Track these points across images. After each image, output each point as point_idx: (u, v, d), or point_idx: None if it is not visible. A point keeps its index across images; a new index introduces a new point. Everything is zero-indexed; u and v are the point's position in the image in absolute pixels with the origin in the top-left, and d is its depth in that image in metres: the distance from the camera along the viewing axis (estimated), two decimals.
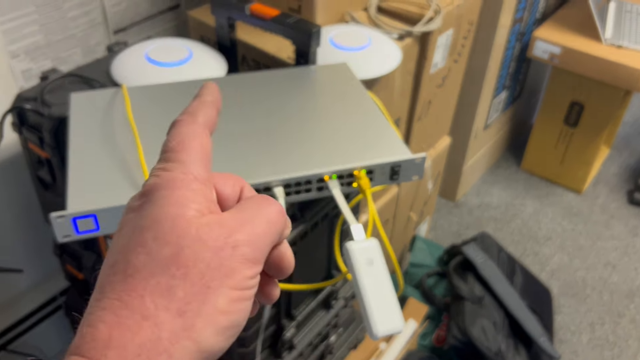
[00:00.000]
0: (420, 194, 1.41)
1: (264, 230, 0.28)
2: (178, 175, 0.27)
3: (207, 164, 0.29)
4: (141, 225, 0.26)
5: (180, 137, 0.29)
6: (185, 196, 0.27)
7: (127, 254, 0.25)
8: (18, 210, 1.06)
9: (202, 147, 0.29)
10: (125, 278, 0.25)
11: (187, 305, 0.25)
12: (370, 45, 0.93)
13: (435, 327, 1.36)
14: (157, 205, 0.26)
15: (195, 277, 0.25)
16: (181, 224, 0.26)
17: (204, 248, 0.25)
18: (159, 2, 1.13)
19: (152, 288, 0.25)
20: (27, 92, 0.83)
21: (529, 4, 1.60)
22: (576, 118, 1.79)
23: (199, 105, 0.32)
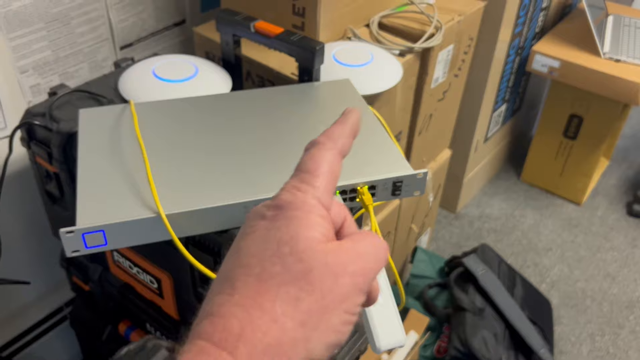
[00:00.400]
0: (422, 206, 1.43)
1: (373, 265, 0.31)
2: (310, 200, 0.31)
3: (333, 191, 0.33)
4: (278, 237, 0.29)
5: (318, 161, 0.32)
6: (316, 221, 0.30)
7: (263, 261, 0.28)
8: (26, 223, 1.08)
9: (334, 175, 0.33)
10: (259, 282, 0.28)
11: (308, 318, 0.27)
12: (372, 62, 0.95)
13: (437, 338, 1.37)
14: (292, 224, 0.29)
15: (318, 295, 0.28)
16: (313, 246, 0.29)
17: (328, 272, 0.28)
18: (164, 18, 1.15)
19: (283, 296, 0.27)
20: (35, 108, 0.84)
21: (527, 19, 1.62)
22: (575, 131, 1.81)
23: (341, 132, 0.35)
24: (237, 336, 0.26)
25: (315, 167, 0.32)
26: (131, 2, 1.07)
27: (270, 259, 0.28)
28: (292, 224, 0.29)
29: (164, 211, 0.60)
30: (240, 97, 0.83)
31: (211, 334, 0.26)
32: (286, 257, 0.28)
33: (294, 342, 0.27)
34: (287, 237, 0.29)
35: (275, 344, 0.26)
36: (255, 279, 0.28)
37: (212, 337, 0.26)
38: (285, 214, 0.30)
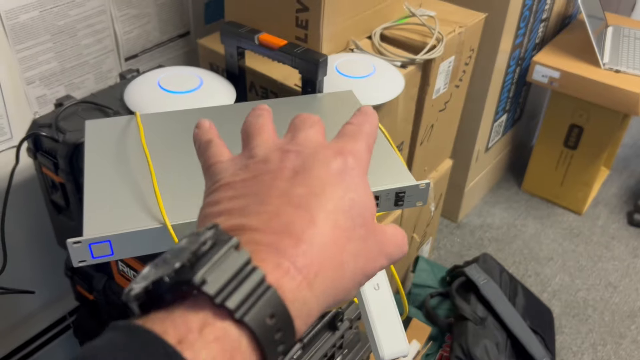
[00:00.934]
0: (423, 216, 1.43)
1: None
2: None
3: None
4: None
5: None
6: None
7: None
8: (31, 233, 1.09)
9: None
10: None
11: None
12: (374, 73, 0.96)
13: (439, 347, 1.37)
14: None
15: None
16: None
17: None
18: (169, 30, 1.17)
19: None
20: (42, 119, 0.85)
21: (528, 30, 1.63)
22: (576, 140, 1.82)
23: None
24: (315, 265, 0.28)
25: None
26: (136, 14, 1.09)
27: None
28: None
29: (170, 221, 0.61)
30: (244, 108, 0.84)
31: (295, 257, 0.27)
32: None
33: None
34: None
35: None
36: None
37: (295, 261, 0.27)
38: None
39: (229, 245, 0.26)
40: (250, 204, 0.30)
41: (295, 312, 0.26)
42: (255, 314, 0.25)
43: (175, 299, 0.25)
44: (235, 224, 0.29)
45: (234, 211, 0.30)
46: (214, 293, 0.24)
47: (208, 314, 0.24)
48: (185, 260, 0.25)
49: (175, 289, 0.25)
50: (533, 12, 1.59)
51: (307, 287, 0.27)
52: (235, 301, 0.24)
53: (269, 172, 0.32)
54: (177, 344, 0.23)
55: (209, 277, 0.25)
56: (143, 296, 0.25)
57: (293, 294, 0.26)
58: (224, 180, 0.33)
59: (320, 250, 0.28)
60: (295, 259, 0.27)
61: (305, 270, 0.27)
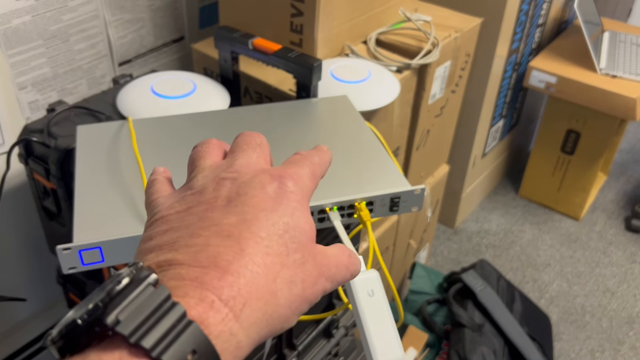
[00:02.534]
0: (420, 222, 1.42)
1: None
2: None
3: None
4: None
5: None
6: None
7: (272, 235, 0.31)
8: (22, 239, 1.08)
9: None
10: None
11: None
12: (369, 78, 0.95)
13: (436, 355, 1.36)
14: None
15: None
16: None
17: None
18: (163, 35, 1.16)
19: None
20: (33, 124, 0.85)
21: (524, 35, 1.63)
22: (573, 146, 1.81)
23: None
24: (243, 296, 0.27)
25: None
26: (130, 19, 1.08)
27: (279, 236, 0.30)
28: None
29: None
30: (238, 113, 0.84)
31: (220, 289, 0.26)
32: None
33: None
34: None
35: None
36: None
37: (220, 293, 0.26)
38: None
39: (146, 282, 0.25)
40: (180, 237, 0.29)
41: (222, 346, 0.25)
42: (174, 352, 0.24)
43: (91, 341, 0.25)
44: (163, 259, 0.28)
45: (165, 246, 0.29)
46: (128, 333, 0.24)
47: (124, 354, 0.23)
48: (98, 301, 0.24)
49: (90, 330, 0.24)
50: (529, 17, 1.59)
51: (234, 319, 0.26)
52: (151, 340, 0.24)
53: (204, 203, 0.31)
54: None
55: (123, 316, 0.24)
56: (59, 340, 0.24)
57: (218, 328, 0.25)
58: (160, 214, 0.32)
59: (249, 280, 0.27)
60: (221, 292, 0.26)
61: (231, 302, 0.26)
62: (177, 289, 0.26)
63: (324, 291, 0.31)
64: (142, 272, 0.26)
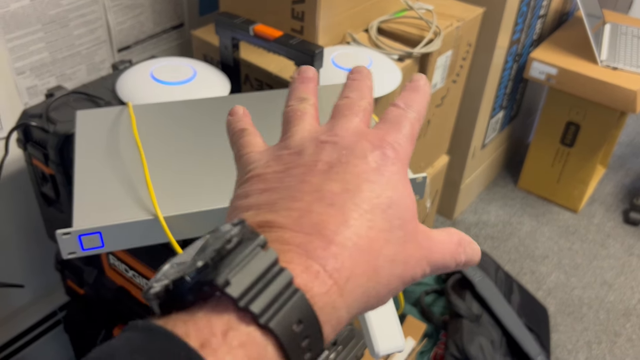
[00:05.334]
0: (419, 212, 1.42)
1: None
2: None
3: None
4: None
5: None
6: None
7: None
8: (20, 225, 1.07)
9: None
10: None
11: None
12: (371, 66, 0.94)
13: (434, 345, 1.36)
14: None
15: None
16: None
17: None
18: (163, 21, 1.15)
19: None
20: (32, 109, 0.84)
21: (525, 26, 1.62)
22: (572, 138, 1.81)
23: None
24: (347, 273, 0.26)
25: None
26: (129, 5, 1.07)
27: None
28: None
29: (161, 213, 0.60)
30: (238, 100, 0.83)
31: (325, 260, 0.25)
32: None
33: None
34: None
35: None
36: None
37: (325, 264, 0.25)
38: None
39: (255, 243, 0.24)
40: (280, 198, 0.28)
41: (324, 318, 0.24)
42: (281, 320, 0.23)
43: (197, 299, 0.24)
44: (263, 220, 0.27)
45: (263, 206, 0.28)
46: (237, 296, 0.23)
47: (232, 318, 0.23)
48: (208, 259, 0.23)
49: (197, 289, 0.24)
50: (531, 8, 1.58)
51: (338, 293, 0.25)
52: (260, 305, 0.23)
53: (303, 165, 0.29)
54: (199, 347, 0.22)
55: (233, 278, 0.23)
56: (163, 295, 0.24)
57: (322, 300, 0.24)
58: (255, 172, 0.31)
59: (352, 253, 0.26)
60: (326, 262, 0.25)
61: (336, 274, 0.25)
62: (282, 253, 0.25)
63: (423, 275, 0.30)
64: (251, 232, 0.25)
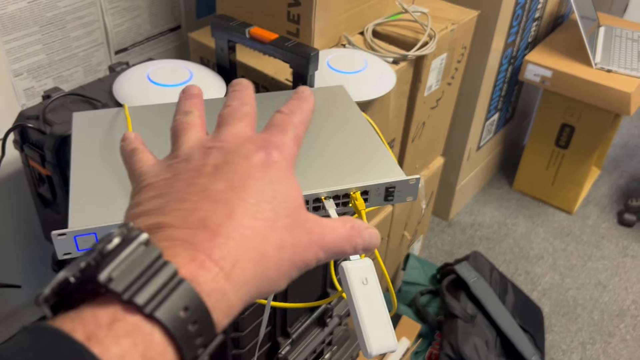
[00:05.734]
0: (414, 213, 1.43)
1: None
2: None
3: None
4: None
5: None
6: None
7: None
8: (17, 226, 1.07)
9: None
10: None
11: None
12: (366, 69, 0.95)
13: (428, 345, 1.37)
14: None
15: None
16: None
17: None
18: (160, 24, 1.16)
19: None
20: (29, 111, 0.84)
21: (520, 29, 1.63)
22: (567, 140, 1.82)
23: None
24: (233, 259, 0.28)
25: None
26: (126, 7, 1.08)
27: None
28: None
29: None
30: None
31: (210, 250, 0.27)
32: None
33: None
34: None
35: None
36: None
37: (211, 254, 0.27)
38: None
39: (137, 241, 0.26)
40: (169, 202, 0.30)
41: (213, 304, 0.26)
42: (167, 308, 0.24)
43: (84, 299, 0.25)
44: (153, 222, 0.29)
45: (153, 211, 0.30)
46: (121, 290, 0.24)
47: (118, 310, 0.24)
48: (90, 260, 0.25)
49: (83, 288, 0.25)
50: (526, 11, 1.59)
51: (225, 279, 0.27)
52: (144, 296, 0.24)
53: (190, 170, 0.31)
54: (85, 340, 0.22)
55: (115, 274, 0.24)
56: (52, 298, 0.25)
57: (209, 286, 0.26)
58: (146, 182, 0.32)
59: (238, 242, 0.28)
60: (211, 252, 0.27)
61: (221, 262, 0.27)
62: (168, 249, 0.26)
63: (317, 260, 0.32)
64: (133, 232, 0.26)
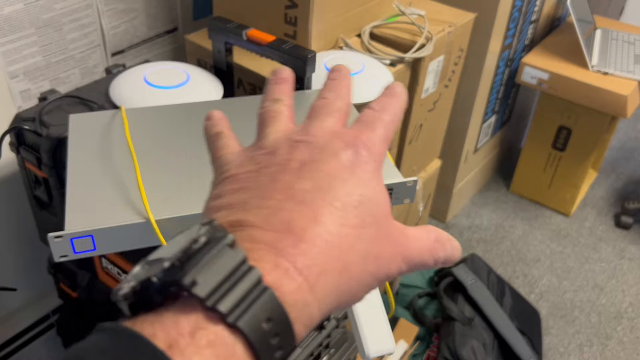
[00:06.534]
0: (412, 216, 1.43)
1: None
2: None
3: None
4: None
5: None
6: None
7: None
8: (13, 229, 1.07)
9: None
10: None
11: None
12: (363, 71, 0.95)
13: (426, 348, 1.37)
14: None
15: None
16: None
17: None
18: (156, 26, 1.16)
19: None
20: (25, 113, 0.84)
21: (517, 31, 1.64)
22: (564, 142, 1.82)
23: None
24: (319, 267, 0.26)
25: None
26: (123, 9, 1.08)
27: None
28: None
29: (153, 217, 0.60)
30: (231, 104, 0.84)
31: (294, 257, 0.25)
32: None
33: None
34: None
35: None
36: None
37: (295, 261, 0.25)
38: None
39: (223, 243, 0.24)
40: (252, 198, 0.28)
41: (295, 315, 0.24)
42: (250, 318, 0.23)
43: (165, 300, 0.24)
44: (234, 219, 0.27)
45: (235, 205, 0.28)
46: (204, 295, 0.23)
47: (200, 317, 0.23)
48: (175, 260, 0.23)
49: (165, 289, 0.24)
50: (522, 14, 1.60)
51: (308, 290, 0.25)
52: (227, 304, 0.23)
53: (275, 165, 0.30)
54: (167, 348, 0.21)
55: (200, 277, 0.23)
56: (131, 296, 0.24)
57: (292, 297, 0.25)
58: (229, 172, 0.31)
59: (323, 250, 0.26)
60: (296, 259, 0.25)
61: (306, 271, 0.25)
62: (251, 251, 0.25)
63: (399, 272, 0.30)
64: (219, 231, 0.25)
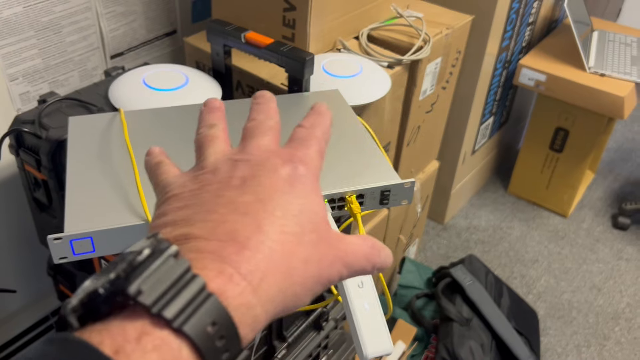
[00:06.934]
0: (410, 217, 1.43)
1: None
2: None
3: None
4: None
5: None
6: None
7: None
8: (13, 231, 1.07)
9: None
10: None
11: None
12: (361, 73, 0.96)
13: (424, 348, 1.37)
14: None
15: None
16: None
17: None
18: (155, 28, 1.16)
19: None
20: (24, 115, 0.84)
21: (515, 33, 1.64)
22: (561, 144, 1.83)
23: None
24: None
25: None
26: (122, 12, 1.08)
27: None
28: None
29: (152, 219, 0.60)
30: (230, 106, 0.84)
31: (238, 263, 0.27)
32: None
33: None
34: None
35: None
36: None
37: (239, 267, 0.27)
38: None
39: (167, 253, 0.26)
40: (196, 213, 0.30)
41: (240, 318, 0.26)
42: (195, 323, 0.24)
43: (112, 310, 0.25)
44: (180, 233, 0.29)
45: (180, 221, 0.30)
46: (150, 303, 0.24)
47: (146, 324, 0.24)
48: (120, 271, 0.25)
49: (111, 300, 0.25)
50: (520, 16, 1.60)
51: (252, 293, 0.27)
52: (173, 310, 0.24)
53: (217, 182, 0.31)
54: (113, 354, 0.22)
55: (145, 286, 0.24)
56: (80, 309, 0.24)
57: (236, 301, 0.26)
58: (172, 192, 0.33)
59: (265, 256, 0.28)
60: (239, 265, 0.27)
61: (249, 276, 0.27)
62: (196, 261, 0.26)
63: (340, 276, 0.31)
64: (163, 243, 0.26)
